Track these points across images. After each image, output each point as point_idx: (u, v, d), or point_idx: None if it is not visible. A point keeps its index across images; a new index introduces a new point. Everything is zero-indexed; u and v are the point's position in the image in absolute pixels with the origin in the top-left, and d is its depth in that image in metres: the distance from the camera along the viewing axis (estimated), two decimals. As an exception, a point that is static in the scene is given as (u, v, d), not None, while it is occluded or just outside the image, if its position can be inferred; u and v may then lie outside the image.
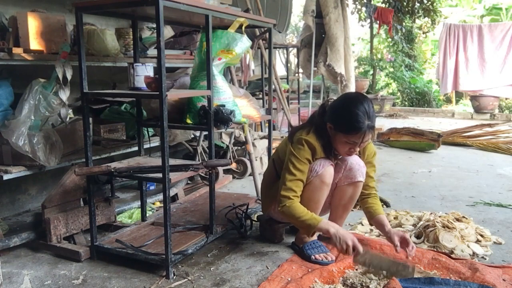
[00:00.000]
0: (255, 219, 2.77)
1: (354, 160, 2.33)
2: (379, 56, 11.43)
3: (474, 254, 2.33)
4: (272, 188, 2.42)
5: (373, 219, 2.35)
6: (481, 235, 2.53)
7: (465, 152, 5.30)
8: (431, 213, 2.77)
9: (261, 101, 4.50)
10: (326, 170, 2.23)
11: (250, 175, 3.89)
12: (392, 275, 2.00)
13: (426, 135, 5.46)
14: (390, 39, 11.12)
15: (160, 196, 3.22)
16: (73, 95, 2.97)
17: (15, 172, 2.44)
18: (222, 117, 2.39)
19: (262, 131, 5.15)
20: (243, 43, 2.54)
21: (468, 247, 2.37)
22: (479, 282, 1.94)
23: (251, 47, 3.39)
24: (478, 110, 8.98)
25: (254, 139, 4.26)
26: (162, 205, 3.01)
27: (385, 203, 3.21)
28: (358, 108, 2.10)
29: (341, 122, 2.16)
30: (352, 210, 3.07)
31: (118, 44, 3.00)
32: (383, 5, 10.18)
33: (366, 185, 2.39)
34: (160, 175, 2.13)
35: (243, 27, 2.62)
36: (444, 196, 3.51)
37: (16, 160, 2.46)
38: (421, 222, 2.62)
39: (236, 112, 2.53)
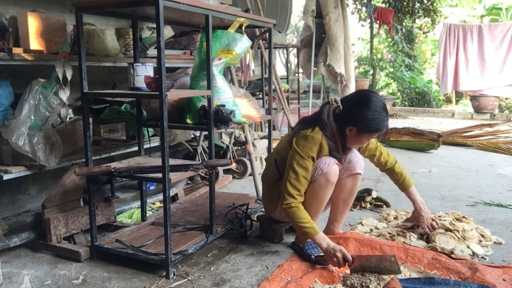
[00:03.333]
0: (255, 219, 2.77)
1: (353, 153, 2.38)
2: (379, 56, 11.43)
3: (474, 254, 2.33)
4: (276, 190, 2.41)
5: (405, 192, 2.56)
6: (482, 235, 2.54)
7: (465, 152, 5.30)
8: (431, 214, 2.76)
9: (261, 101, 4.50)
10: (332, 169, 2.23)
11: (250, 175, 3.89)
12: (383, 272, 2.04)
13: (426, 135, 5.46)
14: (390, 39, 11.12)
15: (160, 196, 3.22)
16: (73, 95, 2.97)
17: (15, 172, 2.44)
18: (222, 117, 2.39)
19: (262, 131, 5.15)
20: (243, 43, 2.54)
21: (468, 247, 2.37)
22: (479, 282, 1.93)
23: (251, 47, 3.39)
24: (478, 110, 8.98)
25: (254, 139, 4.26)
26: (162, 205, 3.01)
27: (385, 203, 3.21)
28: (378, 106, 2.20)
29: (367, 125, 2.20)
30: (352, 210, 3.09)
31: (118, 44, 3.00)
32: (383, 5, 10.17)
33: (385, 160, 2.53)
34: (160, 175, 2.13)
35: (243, 27, 2.62)
36: (444, 196, 3.51)
37: (16, 160, 2.47)
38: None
39: (236, 112, 2.53)
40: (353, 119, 2.22)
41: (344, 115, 2.24)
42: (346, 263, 2.08)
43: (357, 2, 10.44)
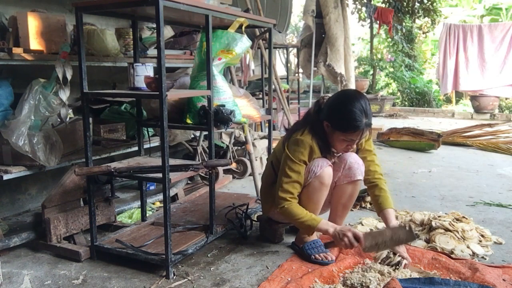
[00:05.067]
0: (255, 219, 2.77)
1: (353, 159, 2.33)
2: (379, 56, 11.43)
3: (474, 254, 2.33)
4: (272, 191, 2.41)
5: (380, 214, 2.33)
6: (482, 235, 2.54)
7: (465, 152, 5.30)
8: (433, 217, 2.71)
9: (261, 101, 4.50)
10: (325, 171, 2.22)
11: (250, 175, 3.89)
12: (398, 242, 2.05)
13: (426, 135, 5.46)
14: (390, 39, 11.13)
15: (160, 196, 3.22)
16: (73, 95, 2.97)
17: (15, 172, 2.44)
18: (222, 117, 2.39)
19: (262, 131, 5.15)
20: (243, 43, 2.54)
21: (468, 247, 2.37)
22: (479, 282, 1.94)
23: (251, 47, 3.39)
24: (478, 110, 8.98)
25: (254, 139, 4.26)
26: (162, 205, 3.01)
27: (385, 203, 3.21)
28: (355, 106, 2.11)
29: (338, 120, 2.16)
30: (352, 210, 3.09)
31: (118, 44, 3.00)
32: (383, 5, 10.18)
33: (369, 170, 2.37)
34: (160, 175, 2.13)
35: (243, 27, 2.62)
36: (444, 196, 3.51)
37: (16, 160, 2.46)
38: (424, 229, 2.61)
39: (236, 112, 2.53)
40: (329, 113, 2.19)
41: (324, 109, 2.23)
42: (358, 243, 2.06)
43: (357, 2, 10.45)
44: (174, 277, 2.16)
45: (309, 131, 2.23)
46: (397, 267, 2.11)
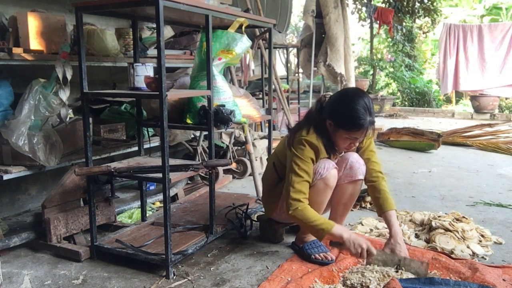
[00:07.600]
0: (255, 219, 2.77)
1: (355, 159, 2.32)
2: (379, 56, 11.43)
3: (474, 254, 2.33)
4: (275, 191, 2.40)
5: (382, 215, 2.29)
6: (482, 235, 2.54)
7: (465, 152, 5.31)
8: (433, 217, 2.71)
9: (261, 101, 4.50)
10: (331, 173, 2.22)
11: (250, 175, 3.89)
12: (408, 271, 2.05)
13: (426, 135, 5.46)
14: (390, 39, 11.13)
15: (160, 196, 3.22)
16: (73, 95, 2.97)
17: (15, 172, 2.44)
18: (222, 117, 2.39)
19: (262, 131, 5.15)
20: (243, 43, 2.54)
21: (468, 247, 2.37)
22: (479, 282, 1.93)
23: (251, 47, 3.39)
24: (478, 110, 8.98)
25: (254, 139, 4.26)
26: (162, 205, 3.01)
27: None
28: (359, 104, 2.10)
29: (342, 119, 2.14)
30: (352, 210, 3.09)
31: (118, 44, 3.00)
32: (383, 5, 10.18)
33: (371, 170, 2.34)
34: (160, 175, 2.13)
35: (243, 27, 2.62)
36: (444, 196, 3.51)
37: (16, 160, 2.46)
38: (424, 229, 2.61)
39: (236, 112, 2.53)
40: (332, 112, 2.18)
41: (327, 108, 2.22)
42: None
43: (357, 2, 10.45)
44: (174, 277, 2.16)
45: (313, 131, 2.22)
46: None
